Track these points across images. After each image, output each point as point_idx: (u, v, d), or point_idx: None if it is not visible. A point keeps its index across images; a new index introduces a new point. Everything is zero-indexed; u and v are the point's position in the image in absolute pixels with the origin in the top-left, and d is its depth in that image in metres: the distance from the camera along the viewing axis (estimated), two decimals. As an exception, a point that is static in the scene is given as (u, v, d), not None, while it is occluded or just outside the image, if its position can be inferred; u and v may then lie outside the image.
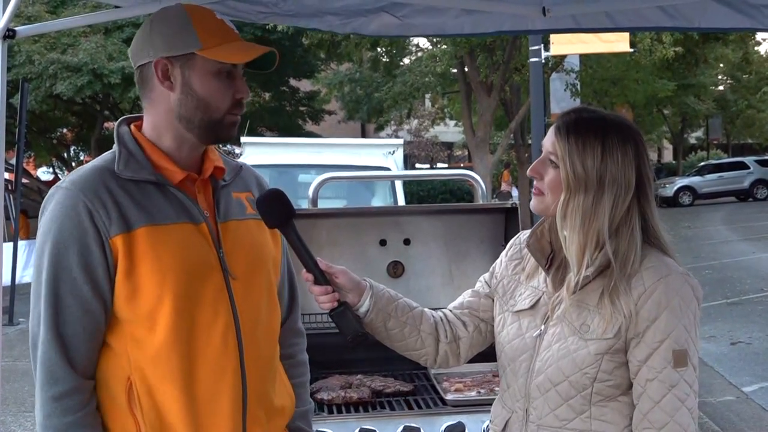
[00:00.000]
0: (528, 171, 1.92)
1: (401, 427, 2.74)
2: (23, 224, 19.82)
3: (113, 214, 1.79)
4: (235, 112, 1.89)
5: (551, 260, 1.91)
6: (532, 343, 1.89)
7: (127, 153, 1.87)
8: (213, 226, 1.89)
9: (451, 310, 2.11)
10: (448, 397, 2.94)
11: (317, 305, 3.37)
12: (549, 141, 1.86)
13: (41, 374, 1.79)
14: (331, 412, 2.88)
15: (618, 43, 14.28)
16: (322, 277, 1.93)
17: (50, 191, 1.87)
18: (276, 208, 1.93)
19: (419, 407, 2.93)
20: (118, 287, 1.79)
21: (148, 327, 1.80)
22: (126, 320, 1.82)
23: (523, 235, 2.02)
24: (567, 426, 1.82)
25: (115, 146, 1.90)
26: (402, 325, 2.01)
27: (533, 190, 1.91)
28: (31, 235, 16.84)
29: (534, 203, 1.90)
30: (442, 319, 2.07)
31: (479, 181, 4.05)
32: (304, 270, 1.94)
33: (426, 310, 2.08)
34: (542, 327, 1.88)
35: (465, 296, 2.13)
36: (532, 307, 1.92)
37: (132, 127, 1.94)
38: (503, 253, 2.10)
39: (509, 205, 3.57)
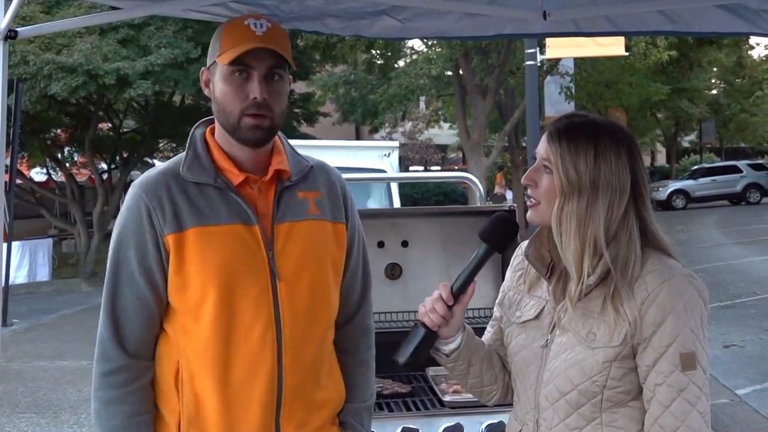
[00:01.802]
0: (522, 179, 1.90)
1: (399, 429, 2.74)
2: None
3: (168, 214, 1.94)
4: (252, 113, 1.93)
5: (551, 269, 1.89)
6: (539, 353, 1.87)
7: (194, 156, 2.01)
8: (268, 227, 1.98)
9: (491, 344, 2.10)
10: (447, 398, 2.94)
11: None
12: (542, 147, 1.84)
13: (97, 350, 1.98)
14: (329, 413, 2.88)
15: (613, 46, 14.33)
16: (454, 301, 1.89)
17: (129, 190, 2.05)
18: (507, 238, 1.94)
19: (417, 409, 2.93)
20: (171, 280, 1.95)
21: (194, 318, 1.94)
22: (177, 310, 1.97)
23: (524, 244, 2.00)
24: None
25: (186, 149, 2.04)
26: (482, 361, 2.00)
27: (528, 201, 1.89)
28: (19, 236, 16.75)
29: (530, 214, 1.88)
30: (500, 355, 2.05)
31: (477, 184, 4.05)
32: (446, 285, 1.90)
33: (491, 346, 2.07)
34: (548, 337, 1.86)
35: (491, 330, 2.10)
36: (537, 317, 1.90)
37: (207, 129, 2.07)
38: (508, 268, 2.07)
39: (507, 208, 3.58)
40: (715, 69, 38.87)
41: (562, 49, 14.19)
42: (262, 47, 1.90)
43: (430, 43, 19.07)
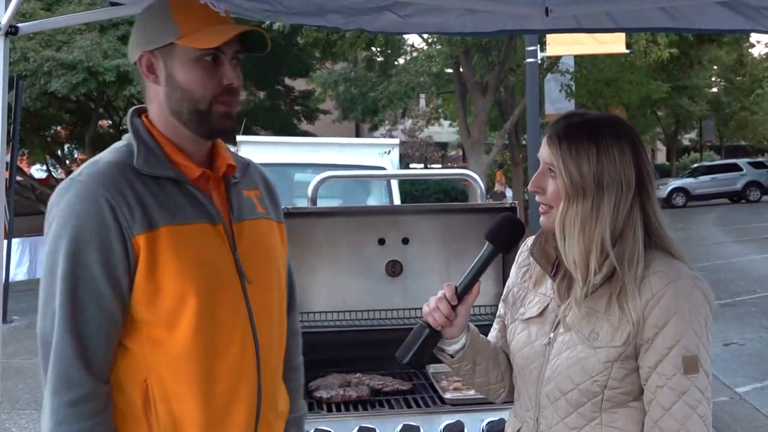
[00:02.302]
0: (529, 186, 1.87)
1: (400, 426, 2.74)
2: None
3: (136, 211, 1.71)
4: (223, 100, 1.79)
5: (557, 266, 1.87)
6: (541, 351, 1.85)
7: (146, 148, 1.79)
8: (228, 226, 1.84)
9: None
10: (447, 395, 2.94)
11: (317, 304, 3.36)
12: (545, 152, 1.81)
13: (55, 377, 1.68)
14: (330, 410, 2.88)
15: (614, 44, 14.32)
16: (459, 301, 1.87)
17: (62, 184, 1.77)
18: (513, 238, 1.91)
19: (418, 406, 2.93)
20: (137, 287, 1.72)
21: (169, 328, 1.73)
22: (144, 321, 1.74)
23: (530, 240, 1.99)
24: None
25: (130, 140, 1.82)
26: (487, 360, 1.98)
27: (539, 208, 1.86)
28: (19, 233, 16.76)
29: (543, 220, 1.85)
30: (505, 352, 2.03)
31: (478, 181, 4.05)
32: (451, 285, 1.87)
33: (496, 344, 2.05)
34: (551, 335, 1.84)
35: (496, 328, 2.09)
36: (541, 314, 1.88)
37: (144, 119, 1.86)
38: (513, 264, 2.06)
39: (508, 205, 3.58)
40: (715, 67, 38.87)
41: (562, 46, 14.18)
42: (230, 30, 1.77)
43: (430, 40, 19.05)
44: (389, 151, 8.59)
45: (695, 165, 36.07)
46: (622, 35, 13.67)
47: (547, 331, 1.86)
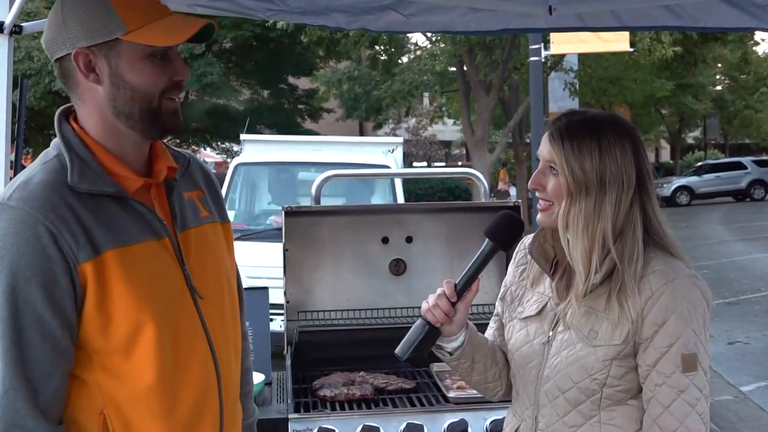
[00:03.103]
0: (529, 184, 1.88)
1: (404, 424, 2.74)
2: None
3: (79, 237, 1.55)
4: (171, 96, 1.66)
5: (555, 265, 1.88)
6: (540, 350, 1.86)
7: (80, 161, 1.61)
8: (174, 239, 1.70)
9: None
10: (451, 394, 2.94)
11: (321, 303, 3.36)
12: (546, 149, 1.82)
13: (6, 427, 1.53)
14: (333, 409, 2.88)
15: (618, 42, 14.30)
16: (458, 298, 1.88)
17: None
18: (512, 236, 1.92)
19: (422, 404, 2.93)
20: (87, 318, 1.57)
21: (124, 357, 1.60)
22: (97, 351, 1.60)
23: (527, 239, 2.00)
24: None
25: (60, 149, 1.64)
26: (485, 358, 1.99)
27: (538, 204, 1.87)
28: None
29: (542, 218, 1.85)
30: (503, 350, 2.03)
31: (481, 179, 4.05)
32: (450, 281, 1.88)
33: (494, 342, 2.05)
34: (550, 333, 1.85)
35: (493, 326, 2.10)
36: (539, 313, 1.89)
37: (73, 123, 1.68)
38: (511, 263, 2.07)
39: (511, 204, 3.57)
40: (719, 65, 38.78)
41: (566, 45, 14.16)
42: (184, 28, 1.64)
43: (433, 39, 19.05)
44: (393, 150, 8.60)
45: (699, 163, 35.99)
46: (626, 33, 13.64)
47: (545, 330, 1.87)
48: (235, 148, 22.46)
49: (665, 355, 1.72)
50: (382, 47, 19.96)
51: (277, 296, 3.30)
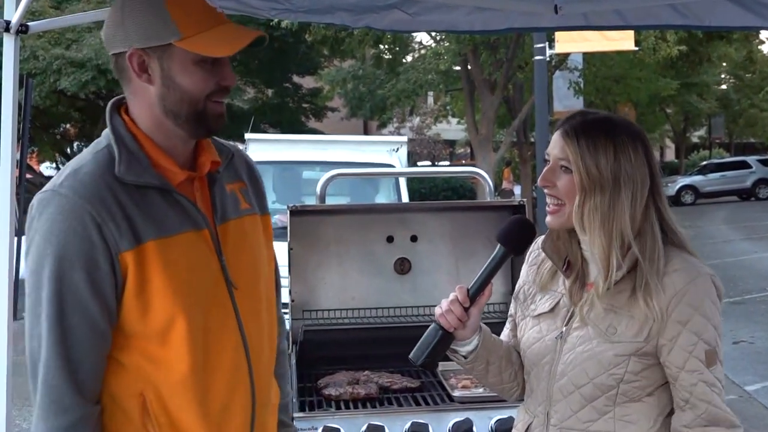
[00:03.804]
0: (539, 181, 1.89)
1: (409, 423, 2.74)
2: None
3: (123, 226, 1.64)
4: (217, 99, 1.74)
5: (568, 265, 1.90)
6: (552, 345, 1.88)
7: (128, 153, 1.71)
8: (213, 230, 1.78)
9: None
10: (456, 393, 2.94)
11: (325, 302, 3.37)
12: (558, 147, 1.84)
13: (45, 402, 1.64)
14: (338, 408, 2.89)
15: (623, 41, 14.26)
16: (470, 303, 1.88)
17: (43, 195, 1.68)
18: (524, 240, 1.93)
19: (427, 403, 2.93)
20: (127, 304, 1.66)
21: (160, 344, 1.69)
22: (136, 336, 1.70)
23: (541, 239, 2.00)
24: (590, 428, 1.82)
25: (110, 141, 1.74)
26: (500, 359, 2.00)
27: (548, 207, 1.87)
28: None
29: (552, 220, 1.86)
30: (518, 351, 2.04)
31: (486, 178, 4.05)
32: (463, 287, 1.88)
33: (509, 343, 2.06)
34: (563, 329, 1.87)
35: (508, 327, 2.11)
36: (552, 309, 1.91)
37: (125, 116, 1.77)
38: (525, 263, 2.08)
39: (516, 203, 3.58)
40: (724, 64, 38.64)
41: (571, 43, 14.13)
42: (236, 39, 1.72)
43: (438, 38, 19.03)
44: (397, 149, 8.59)
45: (704, 162, 35.92)
46: (630, 32, 13.61)
47: (558, 325, 1.89)
48: (240, 147, 22.47)
49: (692, 353, 1.76)
50: (386, 46, 19.94)
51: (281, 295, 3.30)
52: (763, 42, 40.16)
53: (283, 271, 3.37)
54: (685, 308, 1.76)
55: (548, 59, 13.91)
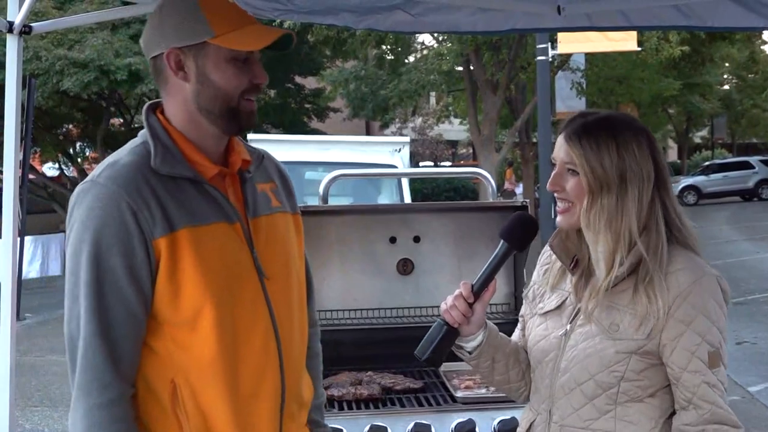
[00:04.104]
0: (548, 186, 1.90)
1: (412, 424, 2.74)
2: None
3: (157, 214, 1.72)
4: (249, 97, 1.83)
5: (576, 263, 1.91)
6: (557, 342, 1.89)
7: (163, 147, 1.80)
8: (245, 224, 1.85)
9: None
10: (458, 394, 2.94)
11: (328, 302, 3.37)
12: (562, 151, 1.85)
13: (86, 380, 1.71)
14: (341, 408, 2.89)
15: (625, 41, 14.27)
16: (475, 299, 1.90)
17: (82, 186, 1.78)
18: (526, 237, 1.94)
19: (429, 404, 2.93)
20: (159, 289, 1.74)
21: (190, 329, 1.76)
22: (167, 322, 1.76)
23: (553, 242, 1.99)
24: (591, 426, 1.82)
25: (147, 138, 1.82)
26: (507, 357, 2.01)
27: (558, 208, 1.89)
28: (32, 230, 16.82)
29: (563, 219, 1.87)
30: (526, 351, 2.04)
31: (489, 179, 4.04)
32: (467, 283, 1.91)
33: (518, 343, 2.06)
34: (567, 326, 1.88)
35: (519, 327, 2.11)
36: (559, 307, 1.92)
37: (160, 115, 1.87)
38: (537, 263, 2.08)
39: (519, 203, 3.57)
40: (727, 64, 38.71)
41: (573, 44, 14.14)
42: (266, 34, 1.81)
43: (440, 38, 19.02)
44: (400, 149, 8.58)
45: (707, 163, 35.89)
46: (633, 33, 13.61)
47: (563, 323, 1.89)
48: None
49: (695, 353, 1.75)
50: (388, 47, 19.95)
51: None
52: (765, 42, 40.15)
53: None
54: (689, 308, 1.75)
55: (551, 60, 13.91)
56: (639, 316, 1.78)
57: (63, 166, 20.50)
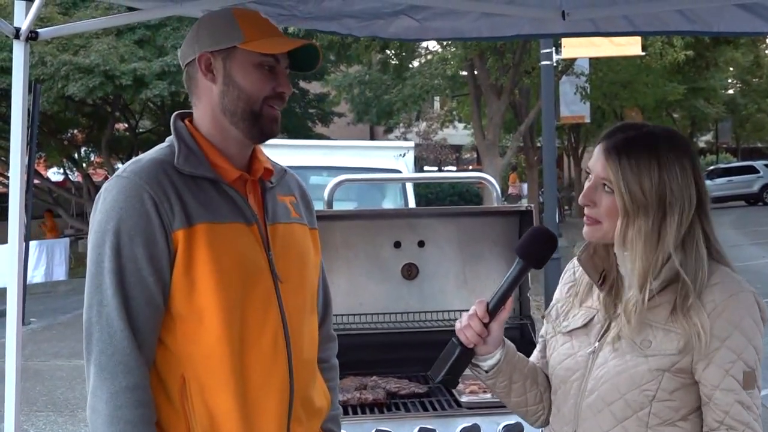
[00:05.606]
0: (580, 200, 1.79)
1: (417, 429, 2.74)
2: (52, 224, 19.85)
3: (176, 207, 1.79)
4: (273, 105, 1.89)
5: (603, 278, 1.82)
6: (584, 361, 1.79)
7: (186, 148, 1.87)
8: (263, 228, 1.90)
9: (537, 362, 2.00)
10: (463, 399, 2.94)
11: (333, 307, 3.37)
12: (599, 165, 1.73)
13: (111, 364, 1.74)
14: (346, 413, 2.88)
15: (630, 46, 14.24)
16: (490, 318, 1.82)
17: (107, 183, 1.85)
18: (543, 253, 1.84)
19: (434, 409, 2.93)
20: (175, 282, 1.79)
21: (200, 324, 1.80)
22: (179, 316, 1.81)
23: (575, 260, 1.92)
24: None
25: (172, 140, 1.90)
26: (524, 377, 1.91)
27: (586, 218, 1.80)
28: (36, 235, 16.85)
29: (589, 232, 1.78)
30: (546, 373, 1.95)
31: (493, 183, 4.04)
32: (483, 301, 1.82)
33: (537, 364, 1.97)
34: (596, 344, 1.78)
35: (538, 348, 2.01)
36: (585, 325, 1.82)
37: (186, 122, 1.95)
38: (560, 281, 2.00)
39: (524, 208, 3.57)
40: (731, 68, 38.58)
41: (578, 48, 14.12)
42: (291, 41, 1.91)
43: (445, 43, 19.03)
44: (404, 154, 8.59)
45: (711, 167, 35.83)
46: (637, 37, 13.59)
47: (591, 341, 1.80)
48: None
49: (729, 371, 1.66)
50: (392, 51, 19.97)
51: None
52: (770, 46, 40.06)
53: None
54: (725, 324, 1.66)
55: (555, 64, 13.89)
56: (674, 334, 1.68)
57: (68, 171, 20.56)
